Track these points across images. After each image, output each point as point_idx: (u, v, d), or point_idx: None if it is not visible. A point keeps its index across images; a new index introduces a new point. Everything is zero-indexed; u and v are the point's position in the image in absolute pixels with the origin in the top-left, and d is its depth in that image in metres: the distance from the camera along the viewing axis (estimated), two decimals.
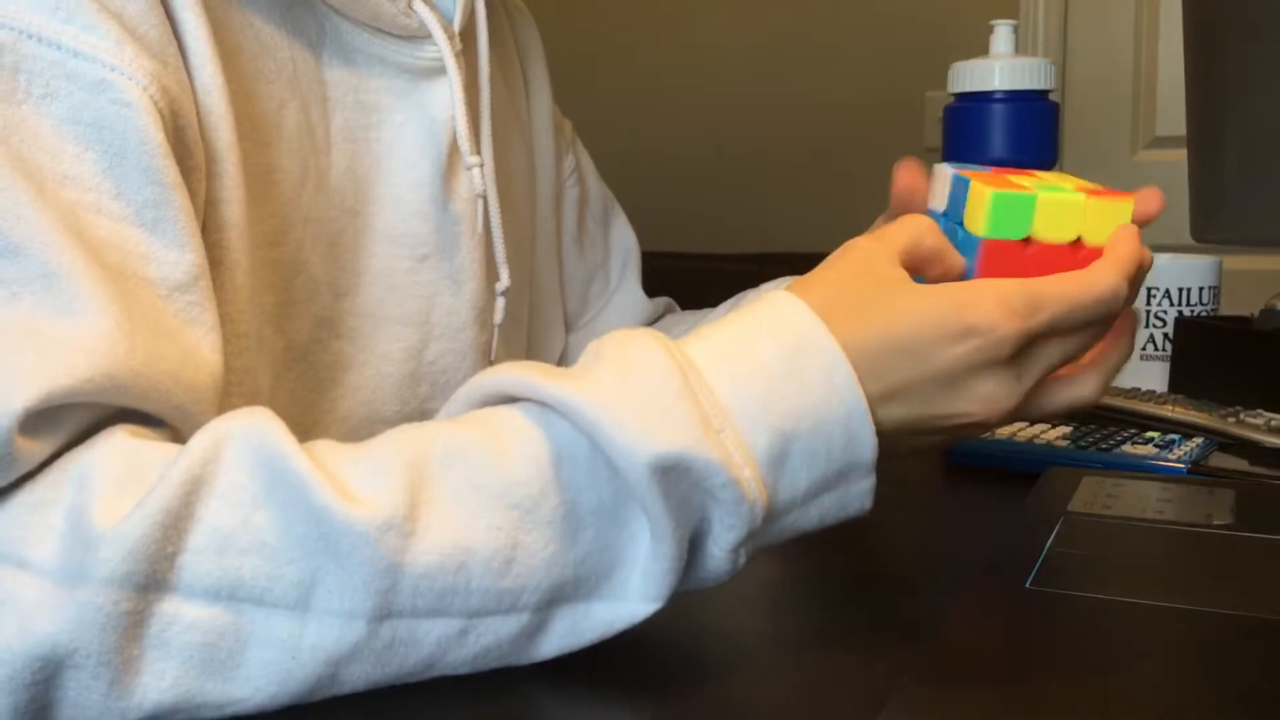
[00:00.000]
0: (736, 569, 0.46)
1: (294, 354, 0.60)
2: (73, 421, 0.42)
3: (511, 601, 0.42)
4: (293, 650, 0.41)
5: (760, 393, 0.44)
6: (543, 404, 0.44)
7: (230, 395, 0.54)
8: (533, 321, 0.82)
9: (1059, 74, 2.38)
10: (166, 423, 0.46)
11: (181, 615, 0.40)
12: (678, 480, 0.42)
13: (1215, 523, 0.57)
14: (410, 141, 0.64)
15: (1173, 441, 0.78)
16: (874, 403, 0.46)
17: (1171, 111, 2.42)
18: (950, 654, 0.42)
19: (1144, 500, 0.61)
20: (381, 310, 0.64)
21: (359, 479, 0.41)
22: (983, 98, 0.93)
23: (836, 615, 0.54)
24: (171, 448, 0.43)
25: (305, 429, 0.61)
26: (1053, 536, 0.54)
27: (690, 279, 0.93)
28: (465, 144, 0.65)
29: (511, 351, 0.76)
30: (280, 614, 0.40)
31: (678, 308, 0.95)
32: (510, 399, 0.45)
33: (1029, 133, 0.92)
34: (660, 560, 0.43)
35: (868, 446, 0.46)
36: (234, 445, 0.41)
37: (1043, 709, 0.38)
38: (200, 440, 0.41)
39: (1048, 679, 0.40)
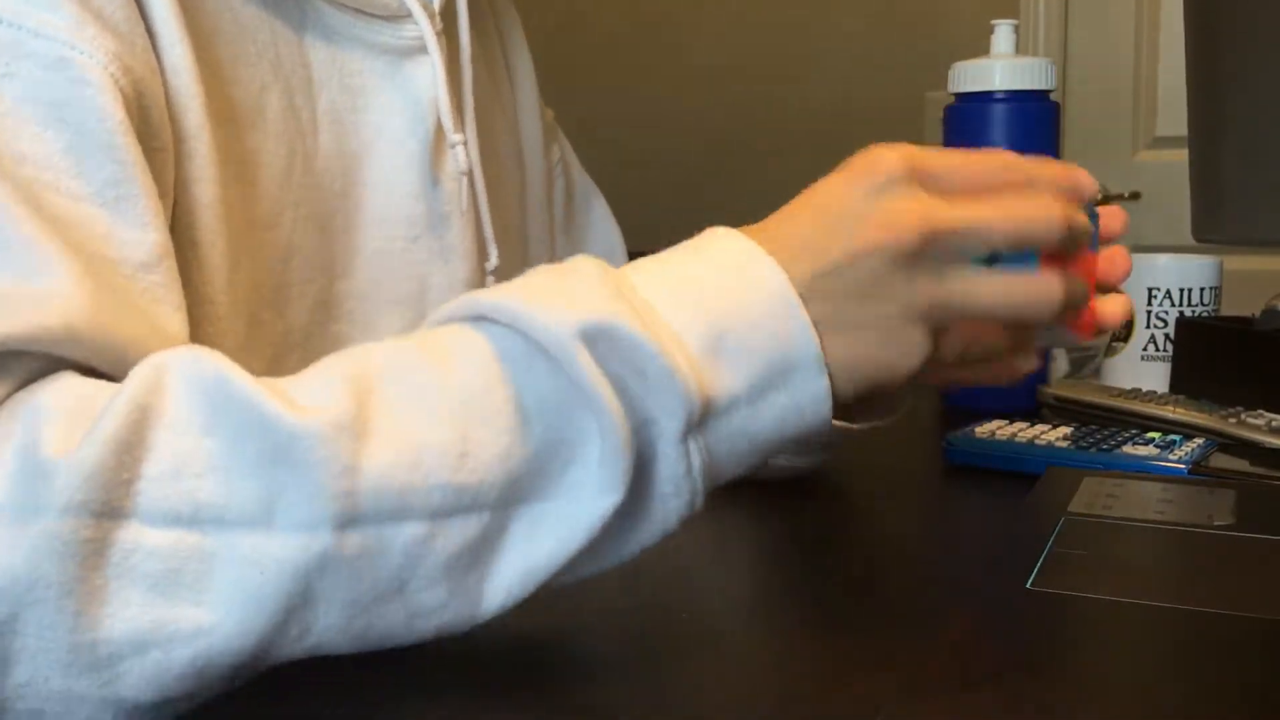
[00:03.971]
0: (696, 481, 0.44)
1: (294, 337, 0.61)
2: (27, 368, 0.42)
3: (472, 498, 0.42)
4: (260, 566, 0.40)
5: (682, 287, 0.45)
6: (477, 316, 0.44)
7: None
8: None
9: (1059, 74, 2.38)
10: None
11: (143, 542, 0.39)
12: (608, 353, 0.43)
13: (1216, 523, 0.57)
14: (396, 122, 0.64)
15: (1173, 442, 0.78)
16: (787, 266, 0.45)
17: (1171, 111, 2.42)
18: (950, 654, 0.42)
19: (1144, 501, 0.61)
20: (378, 291, 0.65)
21: (304, 392, 0.42)
22: (983, 98, 0.93)
23: (836, 615, 0.54)
24: (118, 385, 0.42)
25: None
26: (1053, 537, 0.54)
27: None
28: (448, 122, 0.65)
29: None
30: (243, 531, 0.40)
31: None
32: (443, 320, 0.46)
33: (1029, 133, 0.92)
34: (610, 439, 0.42)
35: (805, 334, 0.45)
36: (175, 373, 0.41)
37: (1043, 709, 0.38)
38: (141, 371, 0.41)
39: (1048, 679, 0.40)
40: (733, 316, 0.44)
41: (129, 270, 0.47)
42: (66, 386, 0.42)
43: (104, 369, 0.44)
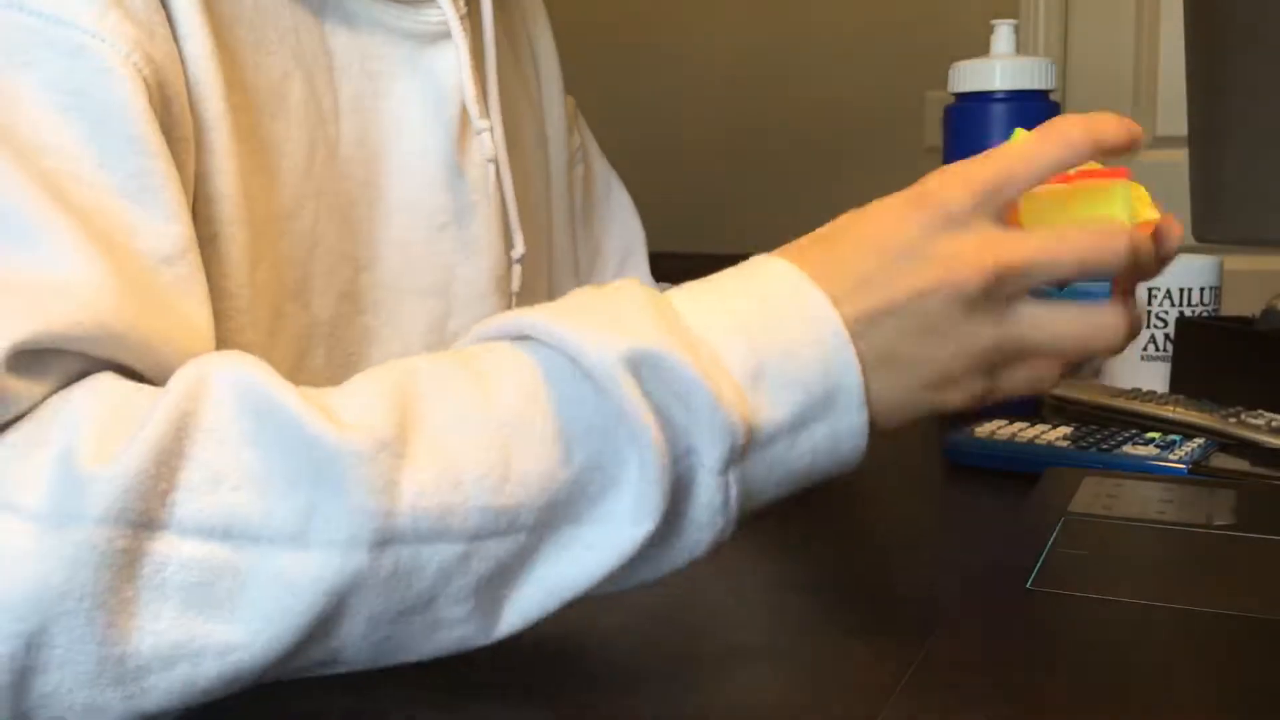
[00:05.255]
0: (731, 512, 0.44)
1: (320, 330, 0.60)
2: (63, 368, 0.41)
3: (510, 520, 0.41)
4: (293, 585, 0.39)
5: (729, 317, 0.44)
6: (519, 335, 0.44)
7: None
8: (552, 295, 0.81)
9: (1059, 74, 2.38)
10: (158, 384, 0.44)
11: (176, 554, 0.38)
12: (652, 380, 0.42)
13: (1216, 523, 0.57)
14: (419, 109, 0.64)
15: (1173, 442, 0.78)
16: (841, 302, 0.44)
17: (1171, 111, 2.41)
18: (950, 654, 0.42)
19: (1145, 501, 0.61)
20: (402, 282, 0.64)
21: (346, 407, 0.41)
22: (983, 97, 0.93)
23: (836, 616, 0.54)
24: (157, 390, 0.41)
25: None
26: (1053, 537, 0.54)
27: (688, 279, 0.93)
28: (474, 108, 0.64)
29: None
30: (278, 548, 0.39)
31: None
32: (482, 337, 0.45)
33: None
34: (648, 470, 0.42)
35: (850, 369, 0.44)
36: (218, 382, 0.40)
37: (1043, 709, 0.38)
38: (183, 378, 0.40)
39: (1048, 679, 0.40)
40: (778, 345, 0.44)
41: (153, 263, 0.46)
42: (105, 389, 0.41)
43: (134, 365, 0.43)
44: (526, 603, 0.43)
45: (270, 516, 0.39)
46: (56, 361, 0.41)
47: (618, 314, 0.43)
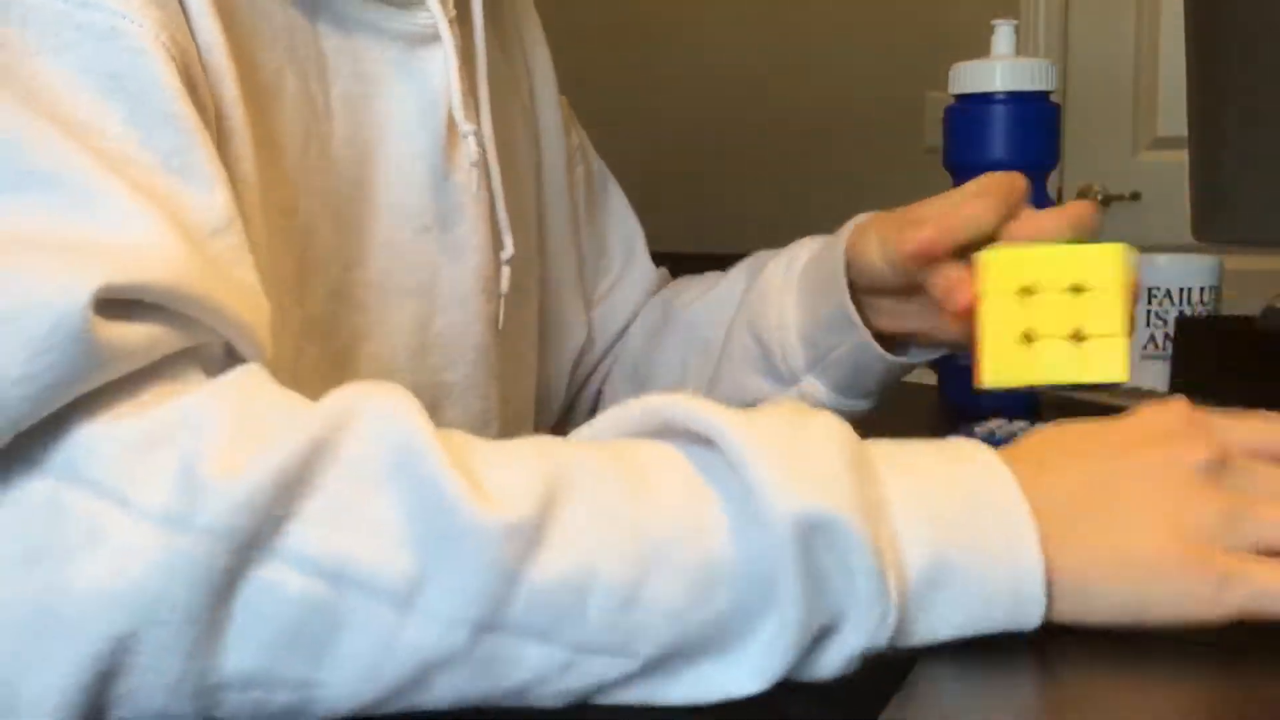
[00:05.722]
0: (834, 678, 0.42)
1: (313, 327, 0.60)
2: (163, 322, 0.40)
3: (623, 644, 0.39)
4: (387, 646, 0.38)
5: (925, 503, 0.42)
6: (698, 435, 0.42)
7: None
8: (549, 297, 0.81)
9: (1059, 74, 2.38)
10: (236, 350, 0.44)
11: (279, 584, 0.37)
12: (821, 550, 0.39)
13: None
14: (408, 112, 0.64)
15: None
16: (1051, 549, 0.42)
17: (1172, 111, 2.42)
18: (950, 653, 0.42)
19: None
20: (388, 281, 0.64)
21: (493, 477, 0.39)
22: (983, 98, 0.93)
23: None
24: (298, 402, 0.41)
25: None
26: None
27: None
28: (459, 111, 0.64)
29: (521, 323, 0.76)
30: (383, 604, 0.38)
31: (670, 277, 0.94)
32: (665, 424, 0.43)
33: (1030, 134, 0.92)
34: (785, 636, 0.40)
35: (1034, 615, 0.41)
36: (367, 416, 0.39)
37: (1043, 710, 0.38)
38: (331, 404, 0.40)
39: (1048, 679, 0.40)
40: (964, 558, 0.41)
41: (205, 235, 0.46)
42: (243, 392, 0.40)
43: (222, 331, 0.43)
44: (606, 700, 0.41)
45: (384, 570, 0.38)
46: (153, 314, 0.40)
47: (814, 461, 0.40)
